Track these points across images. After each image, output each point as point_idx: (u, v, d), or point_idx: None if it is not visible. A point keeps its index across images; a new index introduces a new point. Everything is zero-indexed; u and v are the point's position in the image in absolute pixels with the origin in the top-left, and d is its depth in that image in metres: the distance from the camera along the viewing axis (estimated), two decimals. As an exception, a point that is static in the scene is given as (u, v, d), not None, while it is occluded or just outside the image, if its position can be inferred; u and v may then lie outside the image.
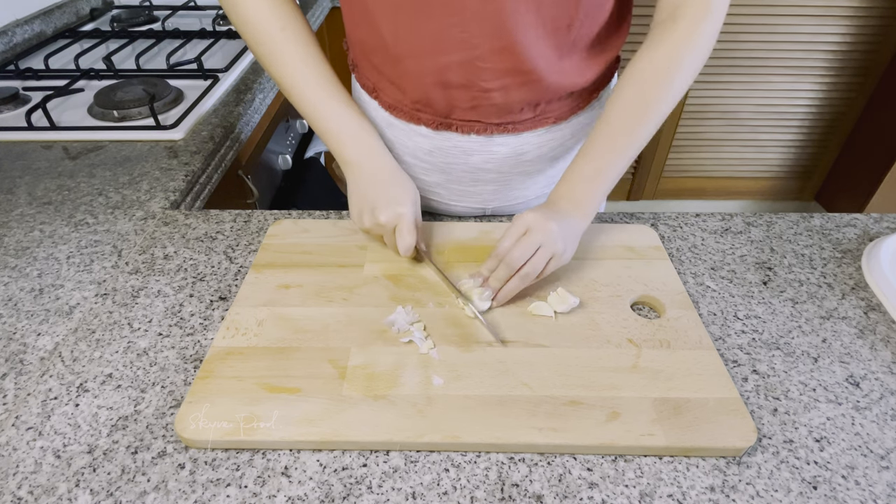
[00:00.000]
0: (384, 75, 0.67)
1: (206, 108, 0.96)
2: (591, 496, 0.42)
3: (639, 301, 0.60)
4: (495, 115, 0.65)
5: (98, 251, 0.65)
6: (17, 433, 0.46)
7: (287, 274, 0.61)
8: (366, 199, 0.63)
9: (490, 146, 0.68)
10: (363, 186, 0.64)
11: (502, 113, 0.65)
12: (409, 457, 0.44)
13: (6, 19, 1.21)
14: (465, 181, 0.73)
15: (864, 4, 1.85)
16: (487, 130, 0.67)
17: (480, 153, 0.69)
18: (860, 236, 0.70)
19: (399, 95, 0.67)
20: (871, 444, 0.46)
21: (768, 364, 0.52)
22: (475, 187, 0.74)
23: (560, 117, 0.68)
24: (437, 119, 0.67)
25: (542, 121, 0.67)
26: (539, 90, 0.63)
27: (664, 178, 2.29)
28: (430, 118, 0.67)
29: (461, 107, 0.64)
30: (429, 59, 0.60)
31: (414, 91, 0.65)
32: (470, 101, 0.63)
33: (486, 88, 0.62)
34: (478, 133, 0.67)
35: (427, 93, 0.64)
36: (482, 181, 0.73)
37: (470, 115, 0.65)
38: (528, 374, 0.50)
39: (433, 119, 0.67)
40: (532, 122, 0.67)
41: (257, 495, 0.42)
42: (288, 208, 0.75)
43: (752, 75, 2.00)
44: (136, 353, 0.53)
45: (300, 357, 0.51)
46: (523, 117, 0.66)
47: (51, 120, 0.90)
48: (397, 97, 0.67)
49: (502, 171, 0.72)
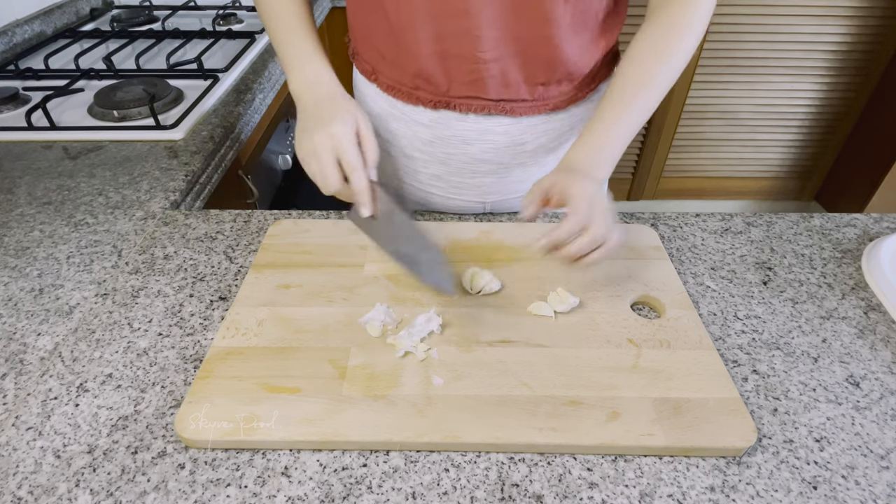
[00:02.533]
0: (384, 56, 0.68)
1: (206, 108, 0.96)
2: (591, 496, 0.42)
3: (639, 301, 0.60)
4: (493, 91, 0.65)
5: (98, 251, 0.65)
6: (17, 433, 0.46)
7: (287, 274, 0.61)
8: (310, 125, 0.58)
9: (488, 134, 0.69)
10: (307, 114, 0.61)
11: (500, 88, 0.65)
12: (409, 457, 0.44)
13: (6, 19, 1.21)
14: (465, 173, 0.73)
15: (864, 4, 1.85)
16: (485, 109, 0.67)
17: (479, 142, 0.70)
18: (860, 236, 0.70)
19: (398, 74, 0.68)
20: (871, 444, 0.46)
21: (768, 364, 0.52)
22: (474, 179, 0.74)
23: (558, 105, 0.69)
24: (436, 97, 0.67)
25: (541, 107, 0.68)
26: (537, 66, 0.64)
27: (664, 178, 2.29)
28: (428, 97, 0.67)
29: (459, 80, 0.65)
30: (428, 27, 0.61)
31: (413, 65, 0.65)
32: (468, 73, 0.64)
33: (484, 59, 0.62)
34: (476, 112, 0.67)
35: (426, 66, 0.64)
36: (481, 172, 0.73)
37: (468, 91, 0.66)
38: (528, 374, 0.50)
39: (431, 98, 0.67)
40: (530, 107, 0.68)
41: (257, 495, 0.42)
42: (288, 208, 0.75)
43: (752, 75, 2.00)
44: (136, 353, 0.53)
45: (300, 357, 0.51)
46: (521, 97, 0.66)
47: (51, 120, 0.90)
48: (396, 76, 0.68)
49: (501, 162, 0.72)
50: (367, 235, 0.60)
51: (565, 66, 0.65)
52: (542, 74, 0.65)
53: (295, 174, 1.31)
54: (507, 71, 0.64)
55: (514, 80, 0.65)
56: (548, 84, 0.66)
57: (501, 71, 0.64)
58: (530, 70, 0.64)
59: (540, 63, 0.64)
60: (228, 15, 1.42)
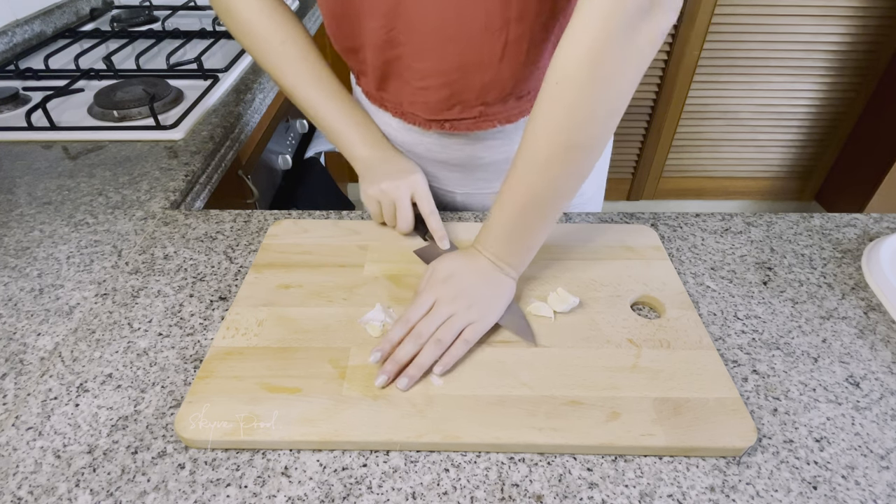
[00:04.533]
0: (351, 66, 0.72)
1: (206, 108, 0.96)
2: (591, 496, 0.42)
3: (639, 301, 0.60)
4: (435, 111, 0.66)
5: (98, 251, 0.65)
6: (17, 433, 0.46)
7: (287, 274, 0.61)
8: (373, 180, 0.66)
9: (445, 145, 0.71)
10: (371, 173, 0.67)
11: (440, 110, 0.66)
12: (409, 457, 0.44)
13: (6, 19, 1.21)
14: (434, 167, 0.75)
15: (864, 4, 1.85)
16: (430, 126, 0.69)
17: (437, 147, 0.72)
18: (860, 236, 0.70)
19: (366, 84, 0.72)
20: (871, 444, 0.46)
21: (768, 364, 0.52)
22: (442, 172, 0.76)
23: (508, 119, 0.68)
24: (394, 106, 0.70)
25: (484, 123, 0.67)
26: (473, 91, 0.63)
27: (664, 178, 2.29)
28: (390, 105, 0.71)
29: (405, 100, 0.67)
30: (374, 52, 0.63)
31: (371, 82, 0.69)
32: (409, 95, 0.66)
33: (419, 86, 0.64)
34: (422, 127, 0.69)
35: (379, 85, 0.68)
36: (448, 168, 0.75)
37: (412, 108, 0.68)
38: (528, 374, 0.50)
39: (393, 107, 0.71)
40: (473, 123, 0.67)
41: (257, 495, 0.42)
42: (288, 208, 0.75)
43: (752, 75, 2.00)
44: (136, 353, 0.53)
45: (300, 357, 0.51)
46: (462, 115, 0.66)
47: (51, 120, 0.90)
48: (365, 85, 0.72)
49: (465, 166, 0.74)
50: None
51: (505, 88, 0.63)
52: (482, 97, 0.64)
53: (295, 174, 1.31)
54: (443, 95, 0.64)
55: (453, 101, 0.64)
56: (490, 104, 0.65)
57: (438, 96, 0.64)
58: (468, 94, 0.63)
59: (476, 88, 0.63)
60: (228, 15, 1.41)
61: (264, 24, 0.64)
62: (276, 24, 0.64)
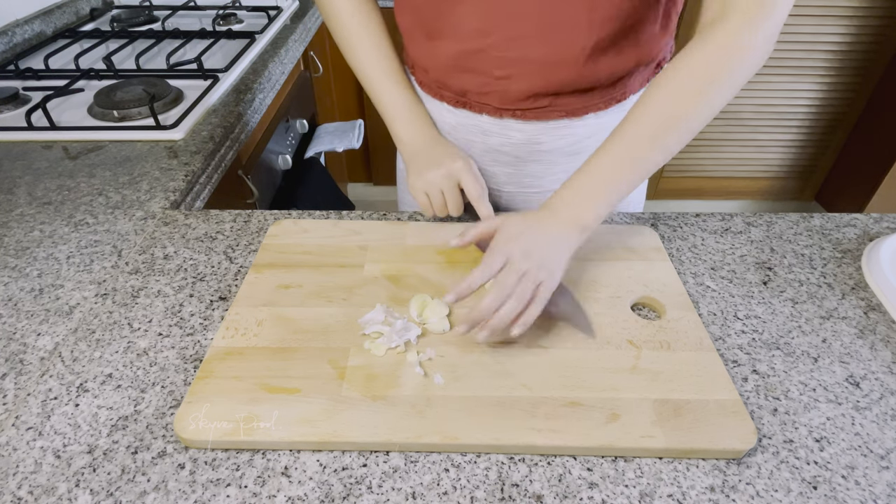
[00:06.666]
0: (416, 58, 0.73)
1: (206, 108, 0.96)
2: (591, 496, 0.42)
3: (639, 302, 0.59)
4: (507, 101, 0.68)
5: (98, 251, 0.65)
6: (17, 433, 0.46)
7: (287, 274, 0.61)
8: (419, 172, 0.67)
9: (505, 130, 0.72)
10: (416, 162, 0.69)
11: (512, 100, 0.68)
12: (409, 457, 0.44)
13: (6, 19, 1.21)
14: (484, 160, 0.76)
15: (864, 4, 1.84)
16: (497, 113, 0.70)
17: (497, 135, 0.72)
18: (860, 236, 0.70)
19: (423, 76, 0.74)
20: (871, 444, 0.46)
21: (768, 364, 0.52)
22: (492, 168, 0.77)
23: (573, 112, 0.69)
24: (455, 97, 0.72)
25: (552, 112, 0.69)
26: (553, 83, 0.65)
27: (664, 178, 2.29)
28: (450, 96, 0.73)
29: (474, 90, 0.69)
30: (450, 42, 0.65)
31: (435, 72, 0.71)
32: (481, 85, 0.68)
33: (497, 76, 0.66)
34: (489, 114, 0.71)
35: (444, 76, 0.70)
36: (499, 163, 0.76)
37: (480, 98, 0.70)
38: (528, 375, 0.50)
39: (452, 97, 0.73)
40: (541, 113, 0.69)
41: (257, 495, 0.42)
42: (288, 208, 0.75)
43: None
44: (136, 353, 0.53)
45: (300, 357, 0.51)
46: (533, 105, 0.68)
47: (51, 120, 0.90)
48: (421, 77, 0.75)
49: (518, 156, 0.74)
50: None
51: (585, 82, 0.65)
52: (558, 89, 0.66)
53: (295, 174, 1.31)
54: (521, 87, 0.66)
55: (528, 92, 0.66)
56: (559, 95, 0.67)
57: (516, 86, 0.66)
58: (545, 86, 0.65)
59: (556, 81, 0.64)
60: (228, 15, 1.42)
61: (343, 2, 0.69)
62: (353, 3, 0.69)
